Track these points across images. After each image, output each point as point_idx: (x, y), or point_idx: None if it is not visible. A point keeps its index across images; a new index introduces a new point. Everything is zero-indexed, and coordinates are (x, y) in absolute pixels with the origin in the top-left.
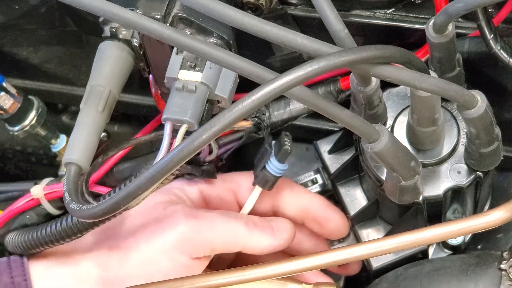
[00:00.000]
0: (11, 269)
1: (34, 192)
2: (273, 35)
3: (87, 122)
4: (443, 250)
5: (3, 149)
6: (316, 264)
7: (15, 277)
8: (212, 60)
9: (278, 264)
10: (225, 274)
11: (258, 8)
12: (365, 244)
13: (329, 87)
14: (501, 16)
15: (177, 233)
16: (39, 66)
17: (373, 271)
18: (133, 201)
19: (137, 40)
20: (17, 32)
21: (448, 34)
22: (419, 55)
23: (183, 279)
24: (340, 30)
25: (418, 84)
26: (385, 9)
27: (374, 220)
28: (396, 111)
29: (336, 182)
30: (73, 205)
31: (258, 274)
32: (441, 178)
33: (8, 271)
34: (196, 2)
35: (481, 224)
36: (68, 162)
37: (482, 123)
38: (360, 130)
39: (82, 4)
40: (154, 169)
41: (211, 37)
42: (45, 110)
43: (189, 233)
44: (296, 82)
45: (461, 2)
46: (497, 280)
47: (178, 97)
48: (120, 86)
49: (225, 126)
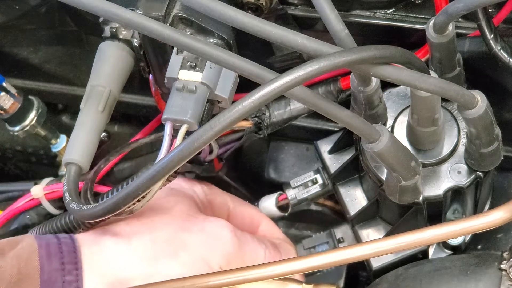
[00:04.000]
0: (62, 253)
1: (34, 192)
2: (274, 35)
3: (87, 122)
4: (443, 250)
5: (3, 149)
6: (316, 264)
7: (66, 263)
8: (212, 60)
9: (278, 264)
10: (225, 274)
11: (258, 8)
12: (365, 244)
13: (329, 87)
14: (501, 16)
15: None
16: (39, 66)
17: (373, 271)
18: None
19: (137, 40)
20: (17, 32)
21: (448, 34)
22: (419, 55)
23: (183, 279)
24: (340, 30)
25: (418, 84)
26: (385, 9)
27: (374, 220)
28: (396, 111)
29: (336, 182)
30: (73, 205)
31: (258, 274)
32: (441, 178)
33: (59, 255)
34: (196, 2)
35: (481, 224)
36: (68, 162)
37: (482, 123)
38: (360, 130)
39: (82, 4)
40: (154, 169)
41: (211, 37)
42: (45, 110)
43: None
44: (296, 82)
45: (461, 2)
46: (497, 280)
47: (178, 97)
48: (120, 86)
49: (225, 126)
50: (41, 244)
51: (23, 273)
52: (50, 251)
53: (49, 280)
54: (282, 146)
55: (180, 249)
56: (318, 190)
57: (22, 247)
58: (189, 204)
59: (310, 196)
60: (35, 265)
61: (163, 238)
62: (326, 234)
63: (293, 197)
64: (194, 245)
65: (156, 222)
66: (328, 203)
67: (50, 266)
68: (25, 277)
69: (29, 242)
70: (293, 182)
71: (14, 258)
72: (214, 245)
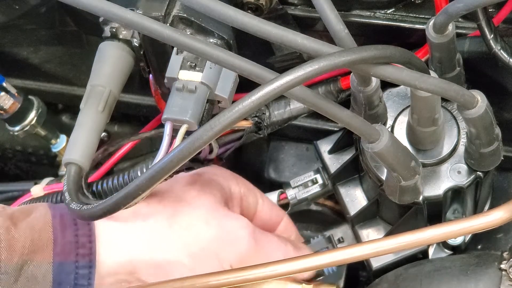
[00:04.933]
0: (76, 225)
1: (34, 192)
2: (274, 35)
3: (87, 122)
4: (443, 250)
5: (3, 149)
6: (316, 264)
7: (80, 236)
8: (212, 60)
9: (278, 264)
10: (225, 274)
11: (258, 8)
12: (365, 244)
13: (329, 87)
14: (501, 16)
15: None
16: (39, 66)
17: (373, 271)
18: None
19: (137, 40)
20: (17, 32)
21: (448, 34)
22: (419, 55)
23: (183, 279)
24: (340, 30)
25: (418, 84)
26: (385, 9)
27: (374, 220)
28: (396, 111)
29: (336, 182)
30: (73, 205)
31: (258, 274)
32: (441, 178)
33: (73, 227)
34: (196, 2)
35: (481, 224)
36: (68, 162)
37: (482, 123)
38: (360, 130)
39: (82, 4)
40: (154, 169)
41: (211, 37)
42: (45, 110)
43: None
44: (296, 82)
45: (461, 2)
46: (497, 280)
47: (178, 97)
48: (120, 86)
49: (225, 126)
50: (55, 214)
51: (36, 245)
52: (65, 222)
53: (62, 252)
54: (282, 146)
55: (195, 241)
56: (318, 190)
57: (35, 216)
58: (215, 197)
59: (310, 196)
60: (49, 236)
61: (181, 226)
62: (326, 239)
63: (293, 197)
64: (209, 240)
65: (177, 209)
66: (328, 203)
67: (64, 238)
68: (38, 249)
69: (42, 212)
70: (293, 182)
71: (27, 228)
72: (230, 243)
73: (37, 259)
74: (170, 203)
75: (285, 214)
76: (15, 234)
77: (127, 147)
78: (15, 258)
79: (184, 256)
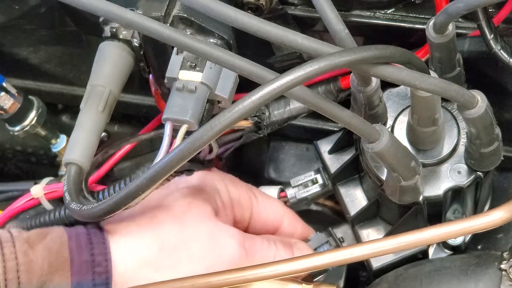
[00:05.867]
0: (92, 244)
1: (34, 191)
2: (274, 35)
3: (87, 122)
4: (443, 250)
5: (3, 149)
6: (316, 264)
7: (96, 255)
8: (212, 60)
9: (278, 264)
10: (225, 274)
11: (258, 8)
12: (365, 244)
13: (329, 86)
14: (501, 16)
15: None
16: (39, 66)
17: (373, 271)
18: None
19: (137, 40)
20: (17, 32)
21: (448, 34)
22: (419, 55)
23: (183, 279)
24: (340, 30)
25: (418, 84)
26: (385, 9)
27: (374, 220)
28: (396, 111)
29: (336, 182)
30: (74, 205)
31: (258, 274)
32: (441, 178)
33: (89, 246)
34: (196, 2)
35: (481, 224)
36: (68, 162)
37: (482, 123)
38: (360, 130)
39: (82, 4)
40: (154, 169)
41: (211, 37)
42: (45, 110)
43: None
44: (296, 82)
45: (462, 2)
46: (497, 280)
47: (178, 97)
48: (120, 86)
49: (225, 126)
50: (70, 235)
51: (54, 266)
52: (80, 243)
53: (79, 272)
54: (282, 146)
55: (185, 258)
56: (318, 190)
57: (51, 238)
58: (204, 208)
59: (310, 195)
60: (66, 257)
61: (169, 246)
62: (326, 233)
63: (292, 196)
64: (200, 255)
65: (164, 225)
66: (328, 203)
67: (80, 258)
68: (56, 270)
69: (58, 233)
70: (293, 181)
71: (44, 250)
72: (220, 255)
73: (56, 280)
74: (157, 221)
75: (287, 212)
76: (33, 257)
77: (127, 148)
78: (34, 280)
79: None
